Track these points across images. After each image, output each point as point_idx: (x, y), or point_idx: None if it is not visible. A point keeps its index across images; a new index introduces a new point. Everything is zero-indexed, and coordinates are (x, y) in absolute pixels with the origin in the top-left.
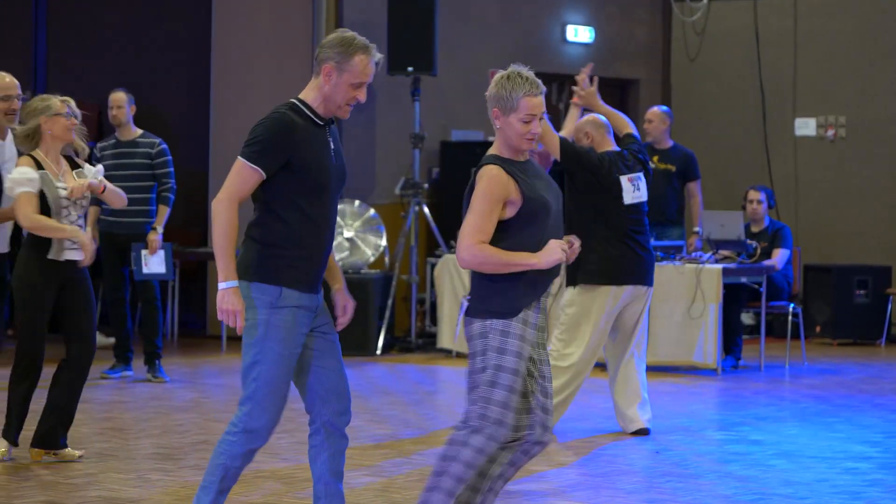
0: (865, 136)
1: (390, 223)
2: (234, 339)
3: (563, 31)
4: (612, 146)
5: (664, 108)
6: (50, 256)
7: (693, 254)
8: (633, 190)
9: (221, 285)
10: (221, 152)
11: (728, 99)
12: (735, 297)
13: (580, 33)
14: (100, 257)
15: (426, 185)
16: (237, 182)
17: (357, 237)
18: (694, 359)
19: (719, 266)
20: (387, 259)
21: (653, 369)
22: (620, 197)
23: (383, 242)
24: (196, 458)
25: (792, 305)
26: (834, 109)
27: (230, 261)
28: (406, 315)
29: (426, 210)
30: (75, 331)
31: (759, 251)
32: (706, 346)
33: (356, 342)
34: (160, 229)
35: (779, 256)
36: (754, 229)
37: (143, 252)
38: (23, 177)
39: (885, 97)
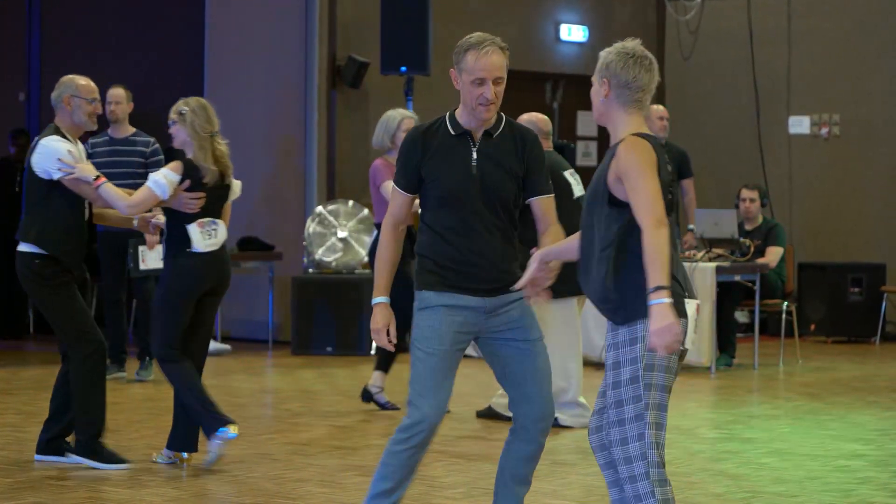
0: (860, 135)
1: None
2: (228, 340)
3: (557, 31)
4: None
5: (658, 106)
6: None
7: (688, 251)
8: (577, 183)
9: (373, 301)
10: None
11: (722, 97)
12: (729, 295)
13: (574, 32)
14: (97, 257)
15: None
16: (391, 204)
17: (351, 237)
18: (688, 357)
19: (713, 264)
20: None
21: None
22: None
23: None
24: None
25: (786, 303)
26: (828, 108)
27: (378, 279)
28: None
29: (418, 210)
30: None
31: (752, 249)
32: (700, 344)
33: (349, 342)
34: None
35: (772, 254)
36: (748, 227)
37: (141, 248)
38: None
39: (879, 95)
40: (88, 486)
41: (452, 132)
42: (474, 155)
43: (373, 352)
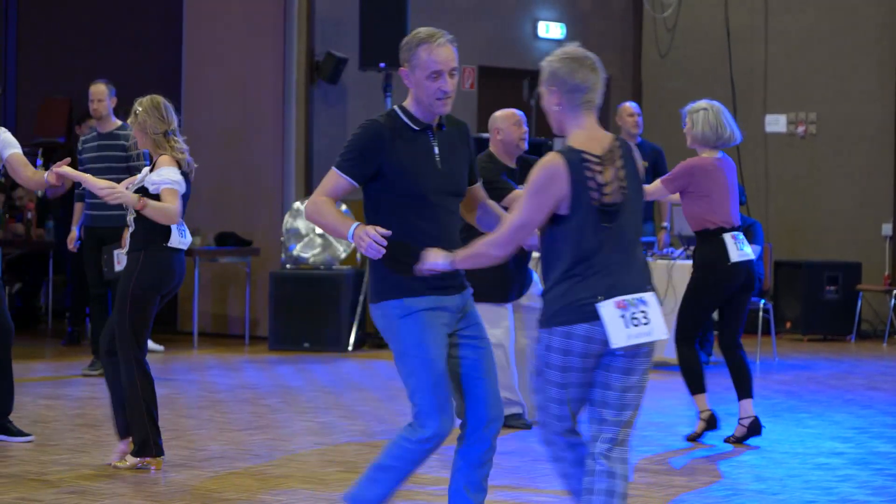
0: (836, 133)
1: (362, 219)
2: (205, 335)
3: (535, 28)
4: None
5: (628, 103)
6: None
7: (664, 250)
8: None
9: (349, 232)
10: (192, 147)
11: (699, 95)
12: None
13: (552, 29)
14: (82, 252)
15: None
16: (327, 185)
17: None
18: (665, 354)
19: (690, 262)
20: (359, 255)
21: None
22: None
23: None
24: (168, 455)
25: (763, 301)
26: (805, 106)
27: (339, 218)
28: None
29: None
30: None
31: None
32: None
33: (328, 338)
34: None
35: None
36: None
37: (116, 251)
38: None
39: (856, 94)
40: (70, 480)
41: (414, 127)
42: (436, 149)
43: (350, 347)
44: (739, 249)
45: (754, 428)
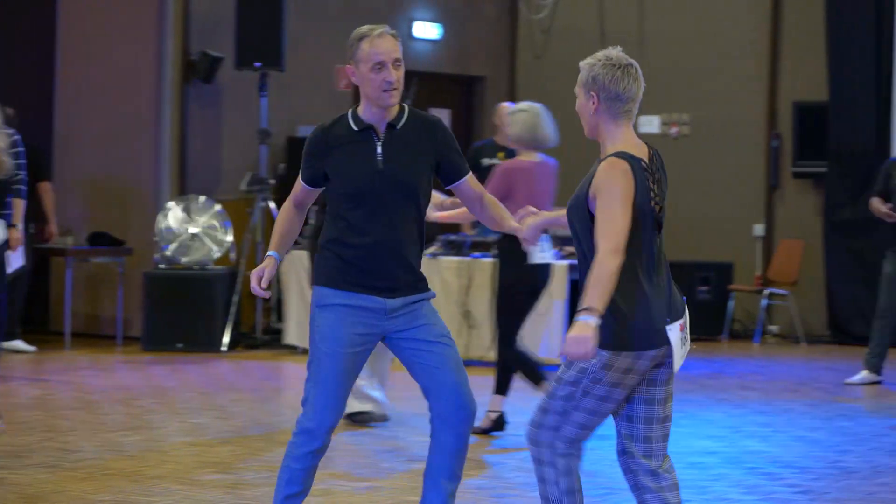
0: (708, 135)
1: (237, 219)
2: (78, 336)
3: (411, 28)
4: None
5: (512, 104)
6: None
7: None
8: None
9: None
10: (64, 148)
11: (573, 96)
12: (581, 293)
13: (427, 30)
14: None
15: (272, 181)
16: (294, 189)
17: (203, 233)
18: (539, 354)
19: (566, 262)
20: (233, 255)
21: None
22: None
23: (229, 238)
24: (41, 456)
25: None
26: (678, 107)
27: (273, 238)
28: (252, 311)
29: (272, 206)
30: None
31: None
32: (551, 341)
33: (201, 338)
34: (20, 226)
35: None
36: None
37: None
38: None
39: (729, 96)
40: None
41: (355, 128)
42: (379, 149)
43: (224, 348)
44: (541, 252)
45: (499, 423)
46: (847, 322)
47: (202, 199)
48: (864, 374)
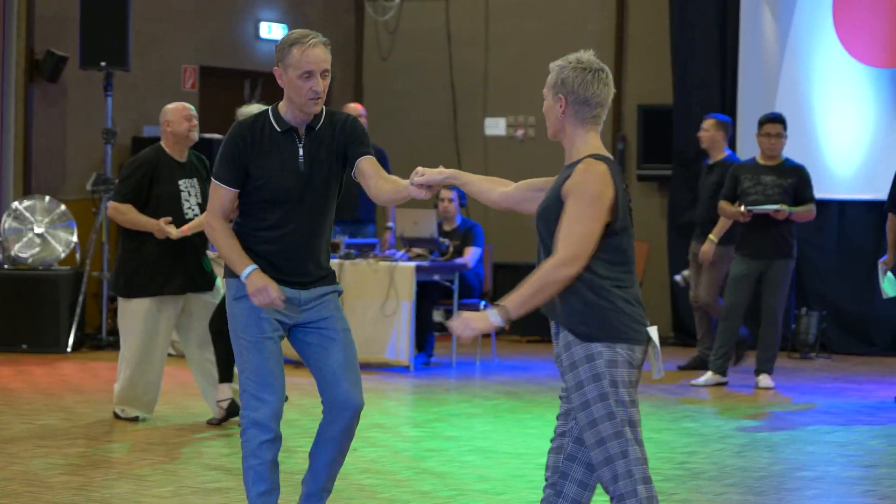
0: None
1: (82, 219)
2: None
3: (257, 29)
4: None
5: (354, 105)
6: None
7: (387, 251)
8: None
9: (244, 273)
10: None
11: (420, 98)
12: (427, 295)
13: (273, 30)
14: None
15: (117, 181)
16: (214, 201)
17: (47, 233)
18: (387, 356)
19: (413, 264)
20: (77, 255)
21: None
22: None
23: (74, 238)
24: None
25: (483, 303)
26: (524, 110)
27: (237, 257)
28: (97, 312)
29: None
30: None
31: (451, 249)
32: (399, 343)
33: (46, 339)
34: None
35: (470, 254)
36: (446, 227)
37: None
38: None
39: None
40: None
41: (278, 128)
42: (300, 151)
43: (69, 348)
44: None
45: (233, 410)
46: (691, 324)
47: (47, 198)
48: (709, 376)
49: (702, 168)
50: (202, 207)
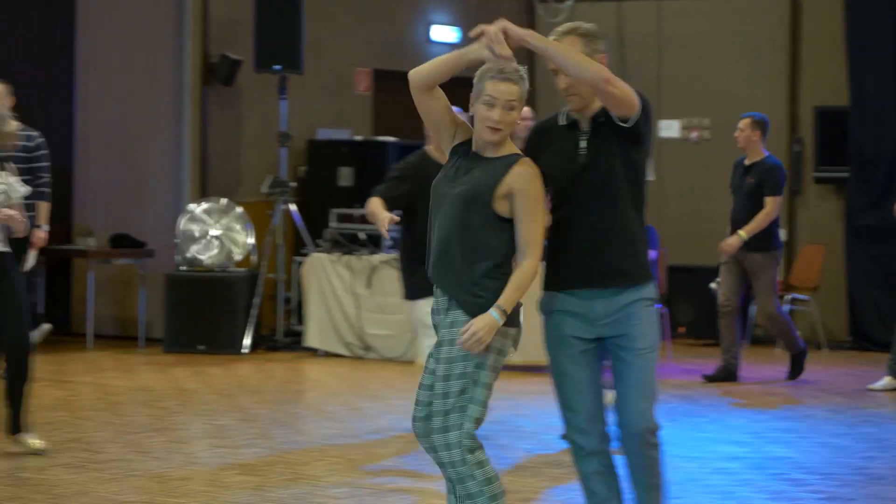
0: (729, 139)
1: (257, 221)
2: (100, 337)
3: (428, 31)
4: None
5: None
6: None
7: None
8: None
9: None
10: (85, 150)
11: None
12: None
13: (445, 33)
14: None
15: (293, 184)
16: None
17: (224, 235)
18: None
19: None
20: (254, 257)
21: (518, 369)
22: None
23: (251, 240)
24: (66, 457)
25: (658, 306)
26: (698, 112)
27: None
28: (272, 313)
29: (293, 208)
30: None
31: None
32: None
33: (223, 340)
34: (46, 227)
35: None
36: None
37: (31, 252)
38: None
39: (749, 100)
40: None
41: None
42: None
43: (245, 350)
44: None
45: None
46: (868, 327)
47: (223, 201)
48: (887, 381)
49: (736, 166)
50: None
